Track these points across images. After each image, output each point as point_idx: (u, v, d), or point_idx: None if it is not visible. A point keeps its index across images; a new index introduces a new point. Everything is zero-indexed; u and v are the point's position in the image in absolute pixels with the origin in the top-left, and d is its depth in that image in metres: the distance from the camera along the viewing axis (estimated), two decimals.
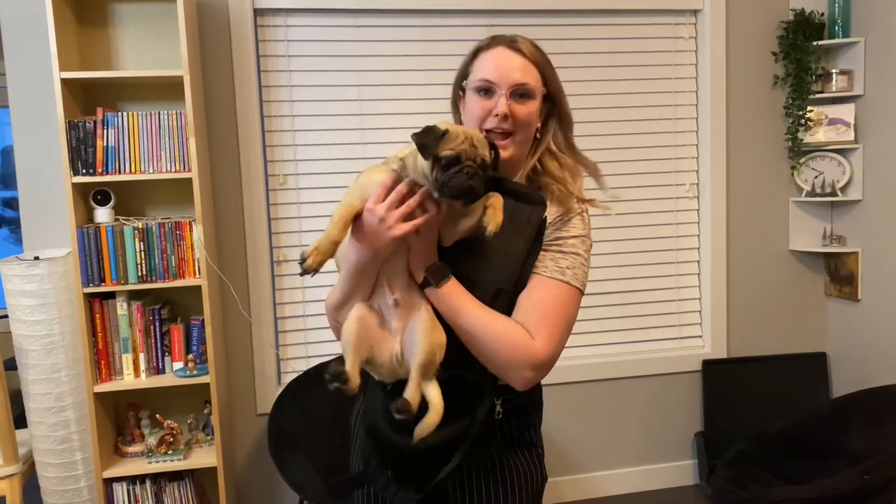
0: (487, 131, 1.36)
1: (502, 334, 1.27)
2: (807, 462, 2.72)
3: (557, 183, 1.43)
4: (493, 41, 1.41)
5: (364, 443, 1.43)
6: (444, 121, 1.27)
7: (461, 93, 1.46)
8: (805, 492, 2.36)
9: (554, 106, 1.45)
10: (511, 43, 1.39)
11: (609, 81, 3.25)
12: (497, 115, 1.36)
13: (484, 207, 1.27)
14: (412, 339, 1.27)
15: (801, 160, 3.37)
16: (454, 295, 1.28)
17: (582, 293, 1.35)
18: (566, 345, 1.34)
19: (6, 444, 2.53)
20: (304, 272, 1.21)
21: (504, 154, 1.35)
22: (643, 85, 3.29)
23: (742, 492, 2.54)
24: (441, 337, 1.27)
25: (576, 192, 1.42)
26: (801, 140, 3.32)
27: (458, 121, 1.48)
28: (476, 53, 1.42)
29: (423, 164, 1.21)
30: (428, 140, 1.20)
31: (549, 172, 1.45)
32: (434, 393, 1.27)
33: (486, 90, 1.38)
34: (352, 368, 1.25)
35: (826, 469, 2.57)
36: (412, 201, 1.22)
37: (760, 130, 3.37)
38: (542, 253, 1.34)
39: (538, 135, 1.45)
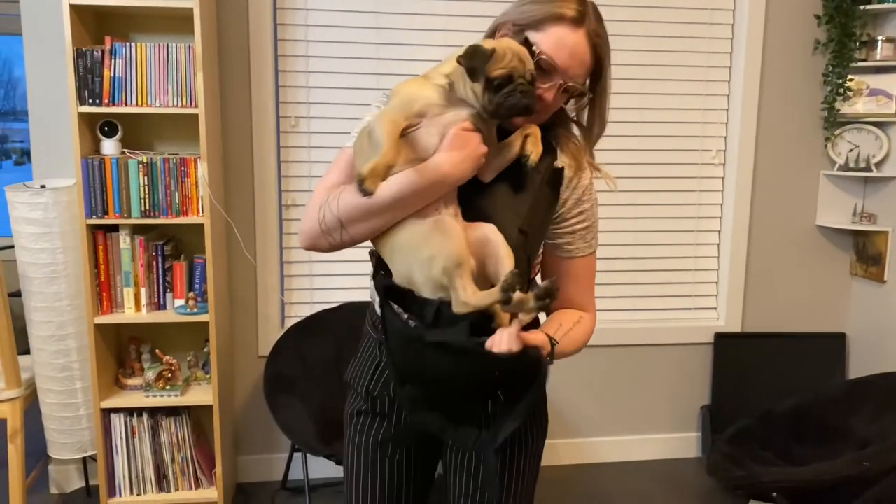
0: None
1: (583, 340, 1.39)
2: (810, 444, 2.64)
3: (572, 137, 1.40)
4: (575, 16, 1.26)
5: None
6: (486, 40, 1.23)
7: (511, 30, 1.31)
8: (800, 474, 2.30)
9: (591, 104, 1.38)
10: (588, 25, 1.27)
11: (639, 38, 3.11)
12: (541, 98, 1.28)
13: (524, 137, 1.26)
14: (493, 249, 1.22)
15: (837, 132, 3.21)
16: (565, 346, 1.32)
17: None
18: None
19: (9, 369, 2.57)
20: (366, 194, 1.16)
21: (517, 122, 1.29)
22: (676, 43, 3.15)
23: (737, 469, 2.48)
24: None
25: (586, 156, 1.38)
26: (839, 110, 3.16)
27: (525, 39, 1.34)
28: (557, 18, 1.26)
29: (472, 85, 1.19)
30: (477, 62, 1.17)
31: (564, 124, 1.40)
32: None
33: (544, 67, 1.27)
34: (472, 283, 1.19)
35: (829, 453, 2.49)
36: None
37: (795, 97, 3.21)
38: (570, 234, 1.36)
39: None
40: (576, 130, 1.41)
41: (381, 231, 1.25)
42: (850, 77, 3.13)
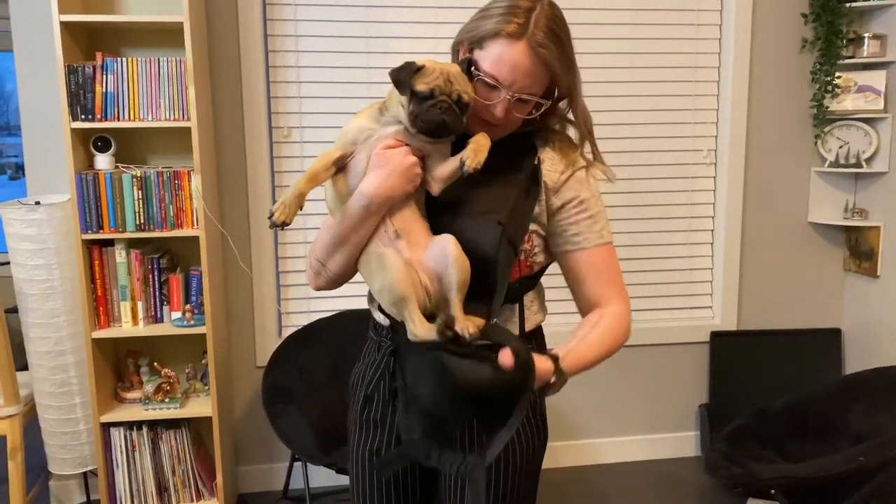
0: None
1: (612, 336, 1.37)
2: (807, 441, 2.65)
3: (559, 134, 1.40)
4: (515, 30, 1.25)
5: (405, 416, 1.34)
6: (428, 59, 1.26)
7: (466, 49, 1.33)
8: (797, 471, 2.31)
9: (567, 103, 1.37)
10: (530, 37, 1.24)
11: (628, 40, 3.13)
12: (493, 114, 1.29)
13: (466, 144, 1.27)
14: (444, 263, 1.23)
15: (826, 129, 3.23)
16: (574, 364, 1.30)
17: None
18: (572, 309, 1.45)
19: (7, 386, 2.58)
20: (273, 226, 1.22)
21: (492, 136, 1.30)
22: (664, 45, 3.17)
23: (735, 467, 2.49)
24: (466, 260, 1.24)
25: (579, 149, 1.39)
26: (827, 107, 3.18)
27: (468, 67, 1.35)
28: (495, 34, 1.26)
29: (401, 98, 1.23)
30: (403, 75, 1.23)
31: (548, 127, 1.40)
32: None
33: (490, 84, 1.28)
34: (420, 315, 1.22)
35: (825, 449, 2.51)
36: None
37: (784, 96, 3.23)
38: (574, 225, 1.35)
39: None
40: (572, 131, 1.41)
41: (351, 261, 1.32)
42: (837, 74, 3.15)
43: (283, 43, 2.93)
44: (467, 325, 1.20)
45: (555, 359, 1.25)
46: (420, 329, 1.21)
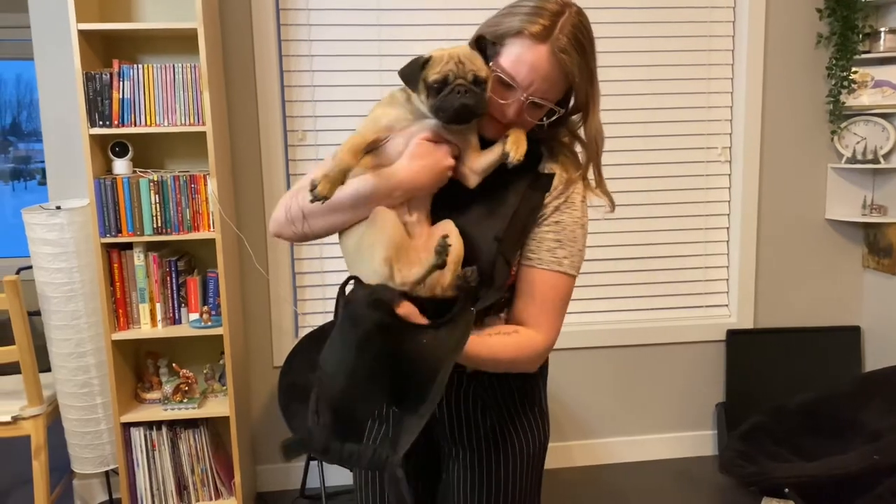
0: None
1: (513, 352, 1.29)
2: (823, 439, 2.63)
3: (566, 148, 1.38)
4: (539, 31, 1.23)
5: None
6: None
7: (487, 45, 1.29)
8: (811, 469, 2.29)
9: (580, 117, 1.35)
10: (554, 41, 1.23)
11: (640, 38, 3.13)
12: (504, 113, 1.29)
13: (504, 137, 1.27)
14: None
15: (843, 124, 3.20)
16: (474, 347, 1.22)
17: (575, 278, 1.34)
18: (585, 309, 1.38)
19: (31, 386, 2.63)
20: (315, 199, 1.18)
21: (491, 135, 1.31)
22: (677, 42, 3.16)
23: (750, 465, 2.48)
24: (462, 247, 1.25)
25: (581, 170, 1.36)
26: (844, 103, 3.15)
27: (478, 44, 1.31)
28: (518, 32, 1.25)
29: (419, 96, 1.22)
30: (411, 71, 1.21)
31: (556, 138, 1.38)
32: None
33: (506, 82, 1.27)
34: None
35: (841, 447, 2.48)
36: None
37: (799, 92, 3.21)
38: (537, 242, 1.31)
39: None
40: (579, 148, 1.39)
41: (339, 228, 1.29)
42: (854, 69, 3.12)
43: (296, 47, 2.97)
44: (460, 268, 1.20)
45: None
46: (411, 272, 1.19)
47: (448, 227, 1.26)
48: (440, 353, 1.15)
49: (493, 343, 1.28)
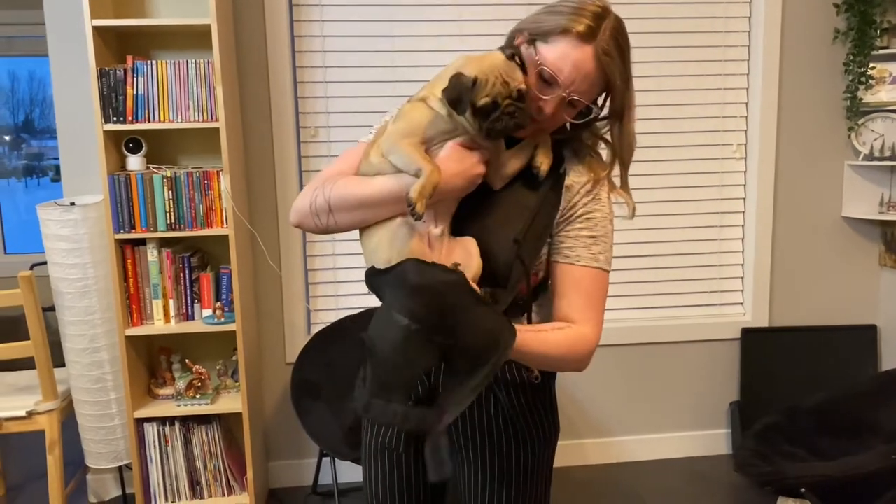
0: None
1: (567, 349, 1.29)
2: (839, 439, 2.60)
3: (591, 149, 1.38)
4: (585, 31, 1.23)
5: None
6: (464, 59, 1.23)
7: (526, 39, 1.29)
8: (828, 469, 2.27)
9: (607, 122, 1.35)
10: (599, 43, 1.24)
11: (655, 34, 3.10)
12: (541, 109, 1.28)
13: (535, 147, 1.28)
14: (466, 258, 1.24)
15: (860, 121, 3.17)
16: (522, 345, 1.19)
17: (609, 273, 1.36)
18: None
19: (46, 381, 2.65)
20: (417, 217, 1.18)
21: (521, 135, 1.31)
22: (692, 38, 3.13)
23: (765, 465, 2.46)
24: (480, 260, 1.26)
25: (608, 169, 1.37)
26: (861, 99, 3.12)
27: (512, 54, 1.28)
28: (564, 31, 1.24)
29: (464, 116, 1.21)
30: (459, 95, 1.19)
31: (580, 139, 1.38)
32: None
33: (546, 78, 1.27)
34: None
35: (858, 447, 2.46)
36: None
37: (816, 88, 3.18)
38: (573, 239, 1.32)
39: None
40: (602, 149, 1.39)
41: (364, 224, 1.28)
42: (871, 65, 3.09)
43: (309, 43, 2.97)
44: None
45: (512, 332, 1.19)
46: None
47: (469, 245, 1.26)
48: (497, 334, 1.14)
49: (549, 339, 1.27)
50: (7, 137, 5.81)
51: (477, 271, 1.24)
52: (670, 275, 3.28)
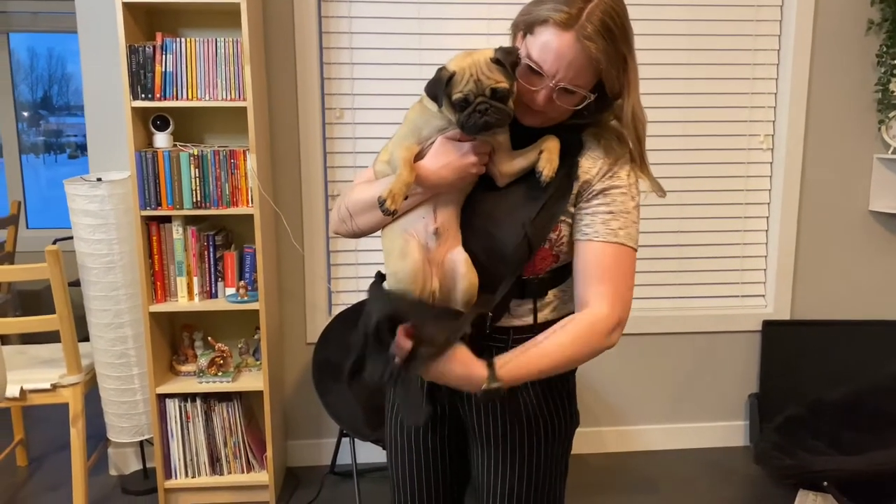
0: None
1: (577, 344, 1.27)
2: (863, 433, 2.58)
3: (612, 132, 1.37)
4: (564, 19, 1.23)
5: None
6: (461, 54, 1.28)
7: (521, 32, 1.33)
8: (853, 463, 2.26)
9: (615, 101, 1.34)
10: (580, 29, 1.22)
11: (685, 21, 3.07)
12: (534, 100, 1.30)
13: (539, 151, 1.30)
14: (454, 275, 1.28)
15: (892, 114, 3.12)
16: (516, 372, 1.24)
17: (636, 251, 1.33)
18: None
19: (70, 355, 2.67)
20: (388, 213, 1.25)
21: (528, 122, 1.33)
22: (722, 27, 3.09)
23: (786, 458, 2.45)
24: (476, 277, 1.29)
25: (628, 149, 1.35)
26: (893, 92, 3.07)
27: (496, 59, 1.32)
28: (544, 21, 1.25)
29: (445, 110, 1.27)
30: (436, 90, 1.25)
31: (602, 122, 1.38)
32: None
33: (535, 70, 1.28)
34: None
35: (882, 441, 2.44)
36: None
37: (847, 79, 3.13)
38: (591, 216, 1.31)
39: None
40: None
41: (381, 225, 1.35)
42: None
43: (336, 24, 2.95)
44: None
45: (490, 365, 1.23)
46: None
47: (457, 258, 1.30)
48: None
49: (548, 348, 1.26)
50: (26, 114, 5.84)
51: (465, 295, 1.28)
52: (692, 265, 3.26)
